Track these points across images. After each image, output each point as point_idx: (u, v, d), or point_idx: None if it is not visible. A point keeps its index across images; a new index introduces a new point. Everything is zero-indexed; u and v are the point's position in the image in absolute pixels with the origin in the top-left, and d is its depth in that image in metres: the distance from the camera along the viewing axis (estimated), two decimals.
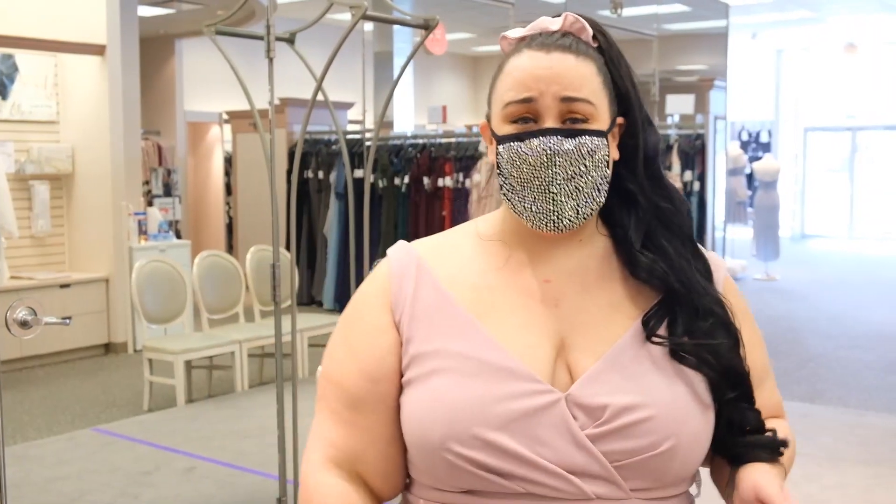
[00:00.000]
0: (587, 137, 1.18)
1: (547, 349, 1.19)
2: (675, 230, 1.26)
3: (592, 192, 1.20)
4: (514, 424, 1.14)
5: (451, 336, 1.20)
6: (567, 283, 1.24)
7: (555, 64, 1.19)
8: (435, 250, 1.29)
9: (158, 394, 6.06)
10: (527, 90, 1.18)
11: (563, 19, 1.24)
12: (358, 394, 1.23)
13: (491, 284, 1.24)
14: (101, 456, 4.97)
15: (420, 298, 1.23)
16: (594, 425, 1.14)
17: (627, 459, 1.14)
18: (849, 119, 17.05)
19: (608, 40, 1.25)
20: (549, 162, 1.17)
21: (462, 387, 1.16)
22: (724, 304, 1.24)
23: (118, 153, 7.53)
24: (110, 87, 7.49)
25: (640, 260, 1.23)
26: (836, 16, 13.60)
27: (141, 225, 7.69)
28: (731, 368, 1.20)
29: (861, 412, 5.75)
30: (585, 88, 1.19)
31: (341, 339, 1.28)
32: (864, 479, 4.53)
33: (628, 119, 1.25)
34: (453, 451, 1.14)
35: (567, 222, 1.19)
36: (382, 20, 4.24)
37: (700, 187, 7.28)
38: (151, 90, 10.53)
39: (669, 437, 1.15)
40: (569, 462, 1.14)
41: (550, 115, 1.18)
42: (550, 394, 1.15)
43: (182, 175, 10.53)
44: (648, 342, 1.19)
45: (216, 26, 3.56)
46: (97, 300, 7.55)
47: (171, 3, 9.93)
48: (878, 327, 8.56)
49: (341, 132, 4.51)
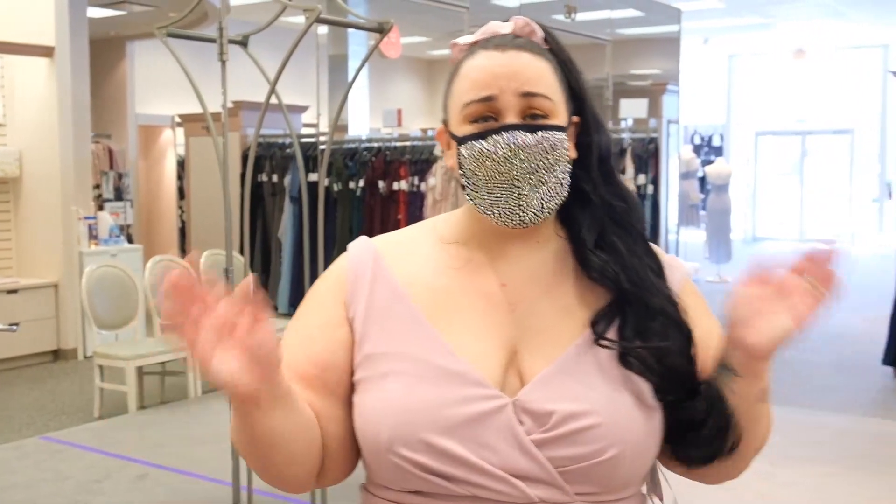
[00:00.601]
0: (549, 132, 1.19)
1: (499, 354, 1.20)
2: (628, 228, 1.26)
3: (556, 187, 1.20)
4: (460, 429, 1.14)
5: (404, 338, 1.20)
6: (524, 287, 1.24)
7: (512, 61, 1.20)
8: (394, 248, 1.29)
9: (109, 401, 5.98)
10: (486, 88, 1.19)
11: (513, 23, 1.25)
12: (303, 373, 1.22)
13: (448, 286, 1.24)
14: (50, 464, 4.88)
15: (375, 297, 1.24)
16: (540, 431, 1.15)
17: (572, 465, 1.15)
18: (798, 123, 17.32)
19: (558, 43, 1.26)
20: (513, 156, 1.18)
21: (411, 391, 1.16)
22: (675, 301, 1.25)
23: (67, 156, 7.41)
24: (59, 90, 7.38)
25: (592, 260, 1.23)
26: (785, 22, 13.81)
27: (91, 229, 7.59)
28: (676, 371, 1.20)
29: (812, 412, 5.84)
30: (544, 84, 1.20)
31: (294, 329, 1.28)
32: (815, 477, 4.59)
33: (582, 118, 1.26)
34: (400, 454, 1.15)
35: (531, 216, 1.20)
36: (337, 23, 4.22)
37: (653, 190, 7.34)
38: (102, 93, 10.39)
39: (615, 445, 1.15)
40: (513, 466, 1.14)
41: (511, 112, 1.19)
42: (498, 399, 1.16)
43: (133, 179, 10.41)
44: (597, 346, 1.20)
45: (168, 28, 3.52)
46: (46, 306, 7.43)
47: (121, 5, 9.81)
48: (829, 328, 8.68)
49: (295, 135, 4.48)
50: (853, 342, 7.99)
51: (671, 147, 7.51)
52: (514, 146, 1.18)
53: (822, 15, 13.12)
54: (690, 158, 12.45)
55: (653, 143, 7.43)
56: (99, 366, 5.85)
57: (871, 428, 5.50)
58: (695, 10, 11.47)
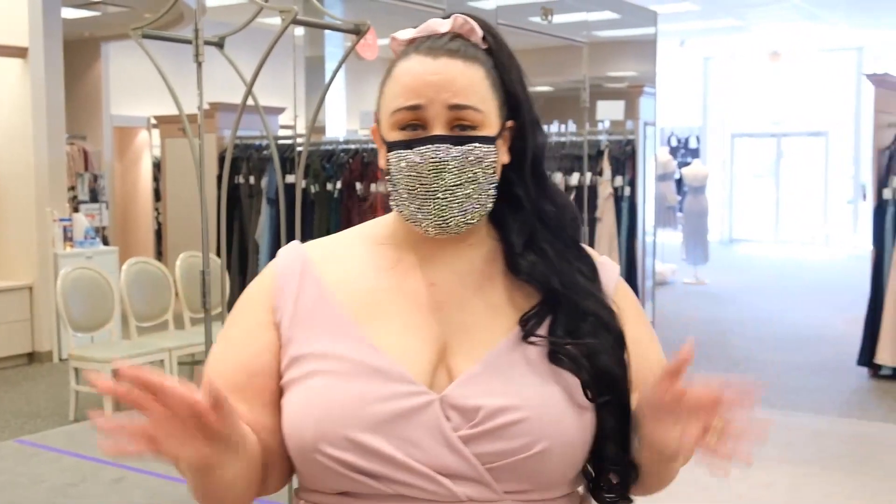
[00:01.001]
0: (476, 145, 1.19)
1: (427, 353, 1.20)
2: (558, 233, 1.26)
3: (481, 198, 1.20)
4: (385, 426, 1.14)
5: (330, 339, 1.20)
6: (453, 287, 1.24)
7: (442, 70, 1.18)
8: (325, 252, 1.30)
9: (84, 403, 5.93)
10: (415, 97, 1.18)
11: (452, 21, 1.24)
12: (234, 383, 1.22)
13: (377, 287, 1.25)
14: (24, 468, 4.84)
15: (302, 300, 1.24)
16: (468, 427, 1.14)
17: (500, 461, 1.14)
18: (774, 125, 17.44)
19: (498, 42, 1.25)
20: (438, 169, 1.18)
21: (335, 388, 1.16)
22: (606, 304, 1.24)
23: (42, 158, 7.35)
24: (33, 91, 7.32)
25: (520, 262, 1.23)
26: (761, 24, 13.90)
27: (66, 231, 7.53)
28: (606, 371, 1.19)
29: (787, 412, 5.87)
30: (474, 95, 1.19)
31: (223, 336, 1.28)
32: (790, 478, 4.62)
33: (517, 122, 1.25)
34: (325, 452, 1.14)
35: (454, 226, 1.20)
36: (313, 25, 4.21)
37: (630, 192, 7.37)
38: (77, 94, 10.31)
39: (542, 440, 1.14)
40: (440, 464, 1.14)
41: (439, 123, 1.18)
42: (424, 395, 1.15)
43: (109, 180, 10.34)
44: (526, 343, 1.19)
45: (143, 30, 3.50)
46: (20, 308, 7.36)
47: (96, 6, 9.73)
48: (804, 329, 8.75)
49: (272, 137, 4.47)
50: (828, 343, 8.05)
51: (648, 149, 7.55)
52: (440, 159, 1.17)
53: (797, 18, 13.22)
54: (667, 160, 12.52)
55: (630, 145, 7.46)
56: (74, 368, 5.80)
57: (847, 428, 5.54)
58: (671, 12, 11.53)
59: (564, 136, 7.81)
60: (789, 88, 17.06)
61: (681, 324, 9.04)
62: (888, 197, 6.68)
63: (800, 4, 12.09)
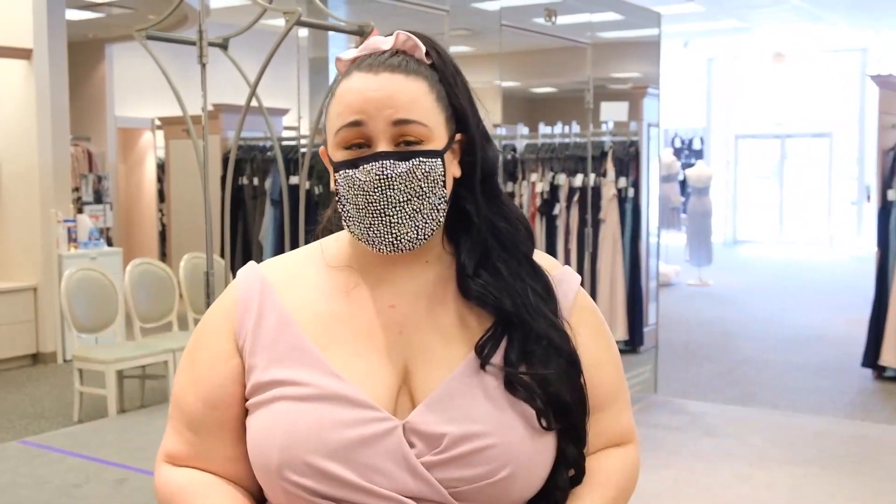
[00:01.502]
0: (421, 159, 1.17)
1: (389, 376, 1.19)
2: (511, 250, 1.25)
3: (431, 213, 1.19)
4: (347, 452, 1.14)
5: (291, 365, 1.20)
6: (412, 308, 1.23)
7: (384, 85, 1.17)
8: (282, 274, 1.28)
9: (89, 404, 5.94)
10: (357, 114, 1.17)
11: (394, 38, 1.23)
12: (197, 417, 1.24)
13: (335, 311, 1.24)
14: (28, 469, 4.85)
15: (263, 326, 1.23)
16: (432, 453, 1.14)
17: (465, 486, 1.14)
18: (777, 126, 17.42)
19: (442, 57, 1.24)
20: (384, 186, 1.17)
21: (297, 415, 1.16)
22: (559, 326, 1.23)
23: (46, 159, 7.37)
24: (37, 92, 7.33)
25: (470, 286, 1.22)
26: (764, 26, 13.89)
27: (70, 232, 7.54)
28: (557, 399, 1.19)
29: (790, 413, 5.87)
30: (417, 109, 1.17)
31: (187, 362, 1.28)
32: (792, 479, 4.62)
33: (466, 136, 1.24)
34: (288, 478, 1.15)
35: (406, 243, 1.19)
36: (317, 26, 4.21)
37: (634, 194, 7.36)
38: (81, 95, 10.33)
39: (507, 465, 1.15)
40: (403, 488, 1.14)
41: (383, 139, 1.17)
42: (388, 421, 1.15)
43: (113, 182, 10.36)
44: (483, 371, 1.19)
45: (147, 31, 3.51)
46: (25, 309, 7.38)
47: (100, 7, 9.75)
48: (807, 330, 8.74)
49: (276, 138, 4.48)
50: (833, 344, 8.05)
51: (652, 150, 7.54)
52: (385, 176, 1.16)
53: (801, 19, 13.21)
54: (671, 162, 12.50)
55: (633, 147, 7.46)
56: (78, 369, 5.81)
57: (851, 430, 5.54)
58: (674, 13, 11.52)
59: (568, 137, 7.80)
60: (793, 89, 17.05)
61: (684, 325, 9.04)
62: (893, 198, 6.68)
63: (803, 6, 12.09)
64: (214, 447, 1.23)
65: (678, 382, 6.73)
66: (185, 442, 1.26)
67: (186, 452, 1.26)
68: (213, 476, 1.25)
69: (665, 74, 7.61)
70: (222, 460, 1.23)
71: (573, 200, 7.46)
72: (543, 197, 7.58)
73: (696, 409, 5.99)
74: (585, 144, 7.23)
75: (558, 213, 7.53)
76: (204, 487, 1.23)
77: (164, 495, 1.26)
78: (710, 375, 7.00)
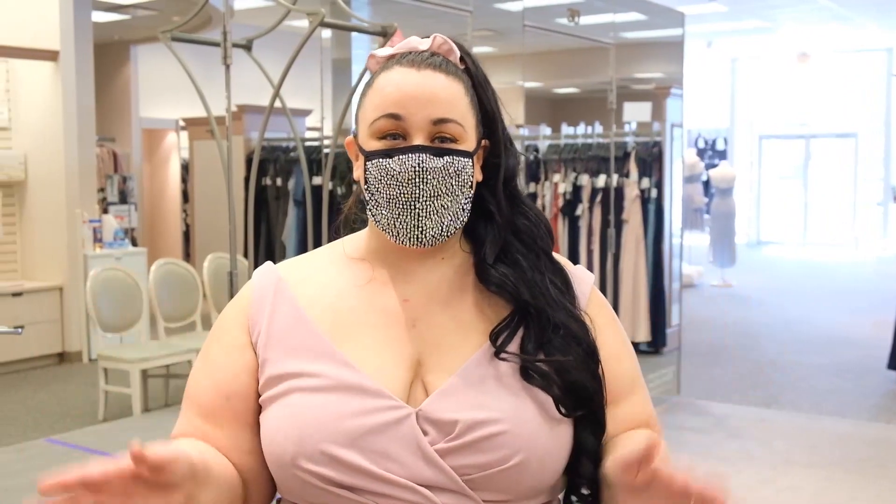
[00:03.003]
0: (455, 157, 1.20)
1: (402, 368, 1.21)
2: (530, 245, 1.27)
3: (457, 211, 1.22)
4: (361, 440, 1.15)
5: (305, 357, 1.22)
6: (426, 302, 1.25)
7: (426, 82, 1.20)
8: (298, 271, 1.31)
9: (114, 403, 5.99)
10: (397, 107, 1.19)
11: (431, 40, 1.26)
12: (211, 408, 1.25)
13: (351, 305, 1.26)
14: (54, 467, 4.87)
15: (276, 320, 1.25)
16: (445, 440, 1.15)
17: (478, 473, 1.15)
18: (802, 127, 17.31)
19: (475, 63, 1.27)
20: (417, 179, 1.19)
21: (311, 404, 1.18)
22: (578, 317, 1.25)
23: (72, 160, 7.43)
24: (64, 94, 7.40)
25: (490, 273, 1.24)
26: (788, 25, 13.81)
27: (96, 232, 7.60)
28: (577, 385, 1.20)
29: (814, 416, 5.83)
30: (455, 109, 1.21)
31: (203, 354, 1.30)
32: (816, 482, 4.59)
33: (492, 141, 1.27)
34: (303, 467, 1.16)
35: (430, 238, 1.21)
36: (340, 27, 4.23)
37: (657, 194, 7.34)
38: (106, 96, 10.41)
39: (519, 452, 1.15)
40: (418, 476, 1.15)
41: (420, 134, 1.19)
42: (401, 409, 1.17)
43: (138, 182, 10.43)
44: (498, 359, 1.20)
45: (172, 32, 3.54)
46: (51, 309, 7.44)
47: (125, 9, 9.83)
48: (831, 332, 8.68)
49: (299, 139, 4.50)
50: (857, 346, 7.99)
51: (675, 151, 7.51)
52: (420, 169, 1.19)
53: (826, 19, 13.12)
54: (694, 162, 12.45)
55: (656, 147, 7.43)
56: (103, 368, 5.86)
57: (875, 433, 5.50)
58: (698, 13, 11.47)
59: (591, 137, 7.79)
60: (817, 90, 16.93)
61: (708, 326, 9.00)
62: None
63: (828, 5, 12.00)
64: (227, 439, 1.24)
65: (701, 384, 6.70)
66: (193, 429, 1.27)
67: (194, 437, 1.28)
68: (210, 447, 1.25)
69: (688, 75, 7.59)
70: (230, 450, 1.24)
71: (596, 201, 7.45)
72: (566, 198, 7.57)
73: (719, 410, 5.96)
74: (608, 145, 7.22)
75: (581, 213, 7.52)
76: (192, 444, 1.23)
77: None
78: (734, 377, 6.97)
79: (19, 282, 7.52)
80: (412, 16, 4.68)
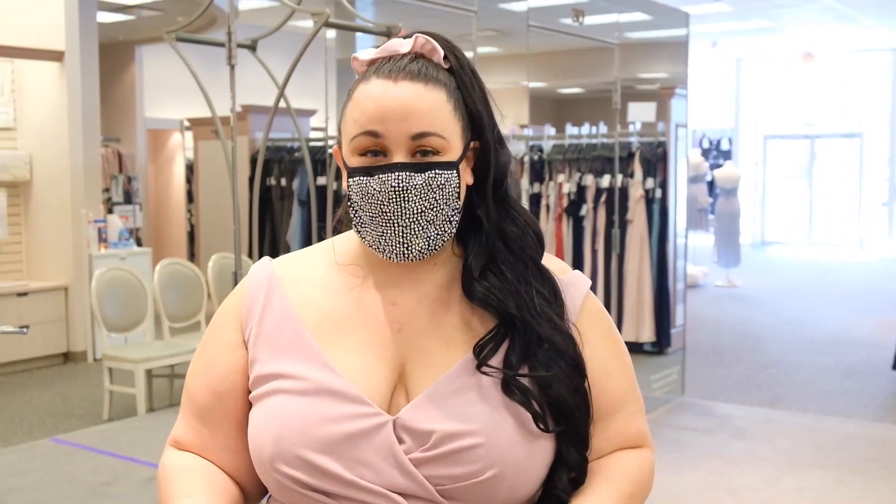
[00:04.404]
0: (437, 171, 1.17)
1: (386, 373, 1.20)
2: (518, 254, 1.24)
3: (444, 225, 1.20)
4: (338, 446, 1.15)
5: (290, 358, 1.21)
6: (414, 308, 1.24)
7: (403, 95, 1.16)
8: (291, 269, 1.30)
9: (118, 403, 6.00)
10: (375, 124, 1.16)
11: (413, 41, 1.22)
12: (204, 406, 1.26)
13: (339, 307, 1.25)
14: (58, 467, 4.90)
15: (266, 319, 1.25)
16: (420, 450, 1.15)
17: (452, 484, 1.15)
18: (807, 127, 17.28)
19: (460, 61, 1.23)
20: (399, 198, 1.17)
21: (291, 409, 1.18)
22: (564, 329, 1.23)
23: (77, 160, 7.44)
24: (69, 94, 7.41)
25: (475, 288, 1.22)
26: (793, 25, 13.79)
27: (101, 232, 7.61)
28: (558, 401, 1.18)
29: (819, 416, 5.82)
30: (436, 121, 1.17)
31: (199, 351, 1.31)
32: (821, 483, 4.58)
33: (481, 142, 1.23)
34: (280, 470, 1.17)
35: (417, 253, 1.20)
36: (345, 27, 4.23)
37: (662, 195, 7.33)
38: (111, 97, 10.43)
39: (493, 466, 1.14)
40: (391, 484, 1.15)
41: (400, 150, 1.17)
42: (378, 417, 1.16)
43: (143, 182, 10.44)
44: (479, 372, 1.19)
45: (177, 33, 3.54)
46: (56, 309, 7.46)
47: (130, 10, 9.84)
48: (836, 332, 8.67)
49: (304, 139, 4.50)
50: (862, 347, 7.97)
51: (679, 151, 7.50)
52: (400, 188, 1.16)
53: (831, 19, 13.10)
54: (699, 162, 12.44)
55: (661, 147, 7.43)
56: (108, 368, 5.87)
57: (880, 433, 5.49)
58: (703, 13, 11.46)
59: (595, 137, 7.79)
60: (823, 90, 16.91)
61: (712, 327, 8.99)
62: None
63: (833, 5, 11.98)
64: (217, 437, 1.26)
65: (706, 384, 6.69)
66: (190, 429, 1.28)
67: (191, 439, 1.29)
68: (205, 462, 1.27)
69: (693, 75, 7.58)
70: (222, 450, 1.26)
71: (600, 201, 7.44)
72: (570, 198, 7.57)
73: (723, 411, 5.96)
74: (613, 145, 7.21)
75: (585, 213, 7.51)
76: (187, 472, 1.25)
77: (159, 477, 1.28)
78: (738, 377, 6.96)
79: (24, 282, 7.53)
80: (416, 16, 4.68)
